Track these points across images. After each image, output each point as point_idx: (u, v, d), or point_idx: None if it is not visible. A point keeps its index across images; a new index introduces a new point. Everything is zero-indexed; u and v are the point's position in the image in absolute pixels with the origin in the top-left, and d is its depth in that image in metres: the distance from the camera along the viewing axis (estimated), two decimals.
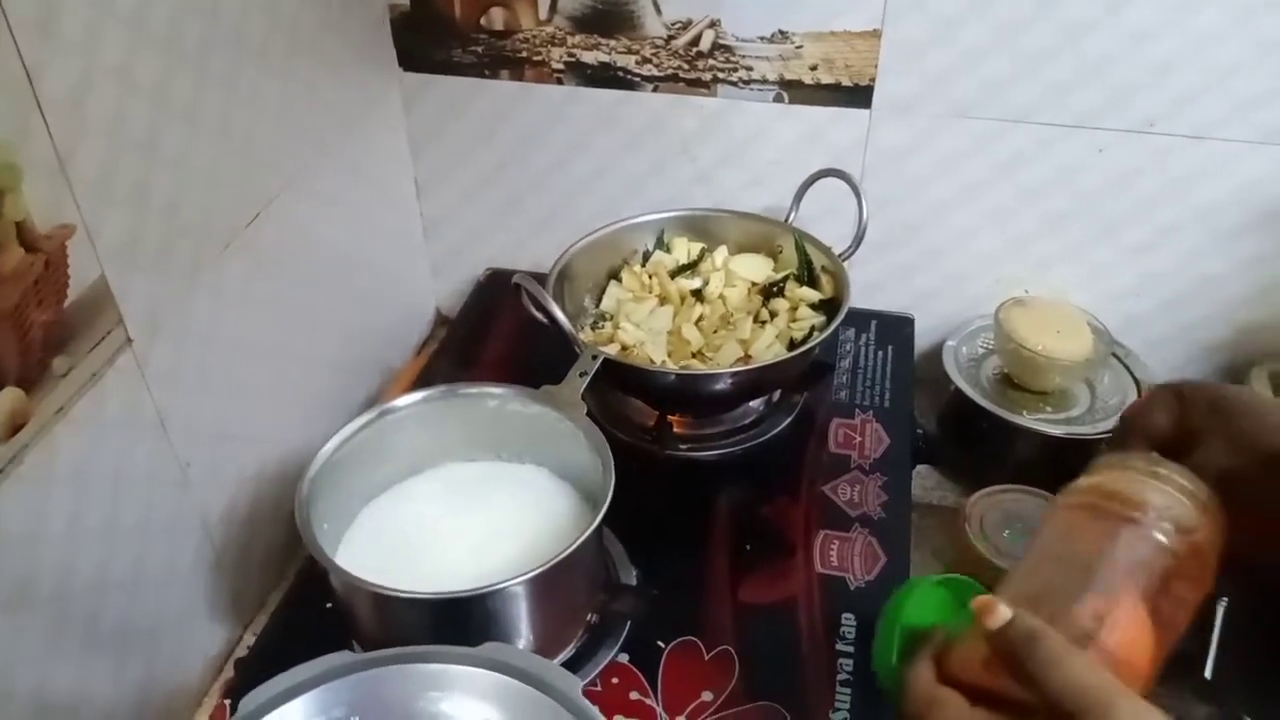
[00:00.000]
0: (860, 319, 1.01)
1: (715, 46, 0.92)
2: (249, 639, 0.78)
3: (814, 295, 0.89)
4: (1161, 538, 0.47)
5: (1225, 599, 0.74)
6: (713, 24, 0.91)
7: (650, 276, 0.92)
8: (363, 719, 0.47)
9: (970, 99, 0.89)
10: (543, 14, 0.93)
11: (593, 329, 0.91)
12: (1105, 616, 0.44)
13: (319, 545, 0.62)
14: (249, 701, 0.46)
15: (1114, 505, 0.48)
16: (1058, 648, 0.41)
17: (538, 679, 0.46)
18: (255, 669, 0.71)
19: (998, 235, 0.97)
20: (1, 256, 0.52)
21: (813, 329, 0.86)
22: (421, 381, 0.93)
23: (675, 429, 0.87)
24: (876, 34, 0.88)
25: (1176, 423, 0.53)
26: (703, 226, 0.95)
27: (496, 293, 1.07)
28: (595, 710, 0.45)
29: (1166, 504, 0.48)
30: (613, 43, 0.94)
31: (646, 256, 0.95)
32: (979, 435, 0.91)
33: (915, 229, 0.99)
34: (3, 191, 0.52)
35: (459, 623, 0.61)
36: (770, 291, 0.91)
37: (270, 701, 0.46)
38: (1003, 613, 0.42)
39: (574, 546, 0.60)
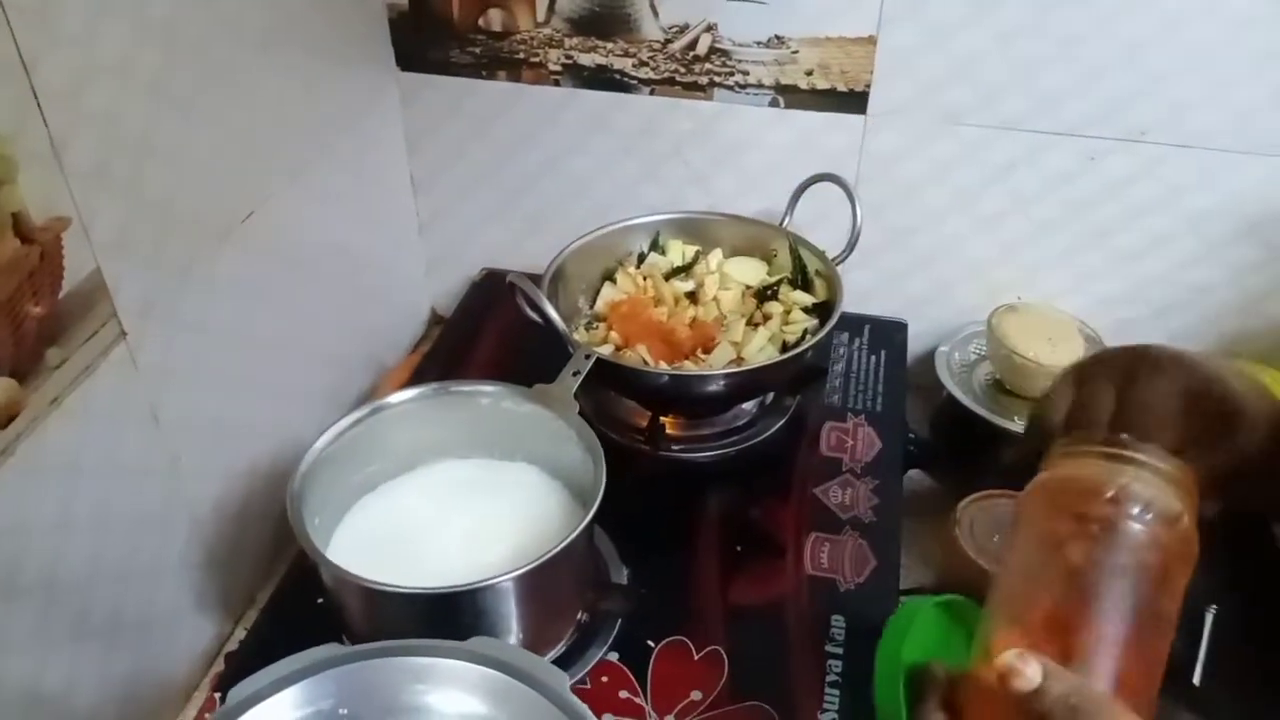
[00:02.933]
0: (853, 324, 1.01)
1: (712, 50, 0.92)
2: (239, 634, 0.78)
3: (807, 299, 0.89)
4: (1147, 535, 0.44)
5: (1214, 606, 0.75)
6: (709, 28, 0.91)
7: (645, 278, 0.93)
8: (351, 711, 0.47)
9: (963, 106, 0.90)
10: (540, 16, 0.94)
11: (586, 330, 0.91)
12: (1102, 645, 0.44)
13: (311, 539, 0.62)
14: (238, 693, 0.46)
15: (1090, 504, 0.45)
16: (1090, 706, 0.40)
17: (525, 674, 0.46)
18: (246, 662, 0.70)
19: (990, 241, 0.97)
20: None
21: (805, 332, 0.87)
22: (414, 380, 0.93)
23: (668, 430, 0.87)
24: (872, 40, 0.88)
25: (1082, 404, 0.50)
26: (698, 229, 0.95)
27: (491, 293, 1.07)
28: (583, 706, 0.45)
29: (1147, 494, 0.45)
30: (610, 45, 0.94)
31: (641, 258, 0.95)
32: (971, 440, 0.92)
33: (908, 234, 0.99)
34: None
35: (449, 618, 0.61)
36: (764, 295, 0.91)
37: (259, 693, 0.46)
38: (1030, 676, 0.41)
39: (565, 543, 0.61)
